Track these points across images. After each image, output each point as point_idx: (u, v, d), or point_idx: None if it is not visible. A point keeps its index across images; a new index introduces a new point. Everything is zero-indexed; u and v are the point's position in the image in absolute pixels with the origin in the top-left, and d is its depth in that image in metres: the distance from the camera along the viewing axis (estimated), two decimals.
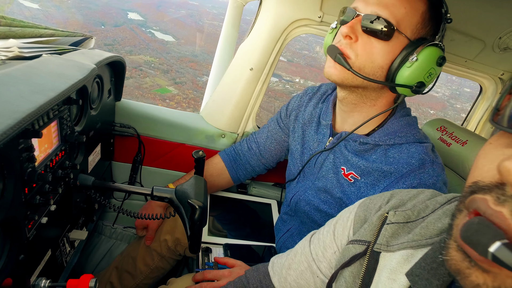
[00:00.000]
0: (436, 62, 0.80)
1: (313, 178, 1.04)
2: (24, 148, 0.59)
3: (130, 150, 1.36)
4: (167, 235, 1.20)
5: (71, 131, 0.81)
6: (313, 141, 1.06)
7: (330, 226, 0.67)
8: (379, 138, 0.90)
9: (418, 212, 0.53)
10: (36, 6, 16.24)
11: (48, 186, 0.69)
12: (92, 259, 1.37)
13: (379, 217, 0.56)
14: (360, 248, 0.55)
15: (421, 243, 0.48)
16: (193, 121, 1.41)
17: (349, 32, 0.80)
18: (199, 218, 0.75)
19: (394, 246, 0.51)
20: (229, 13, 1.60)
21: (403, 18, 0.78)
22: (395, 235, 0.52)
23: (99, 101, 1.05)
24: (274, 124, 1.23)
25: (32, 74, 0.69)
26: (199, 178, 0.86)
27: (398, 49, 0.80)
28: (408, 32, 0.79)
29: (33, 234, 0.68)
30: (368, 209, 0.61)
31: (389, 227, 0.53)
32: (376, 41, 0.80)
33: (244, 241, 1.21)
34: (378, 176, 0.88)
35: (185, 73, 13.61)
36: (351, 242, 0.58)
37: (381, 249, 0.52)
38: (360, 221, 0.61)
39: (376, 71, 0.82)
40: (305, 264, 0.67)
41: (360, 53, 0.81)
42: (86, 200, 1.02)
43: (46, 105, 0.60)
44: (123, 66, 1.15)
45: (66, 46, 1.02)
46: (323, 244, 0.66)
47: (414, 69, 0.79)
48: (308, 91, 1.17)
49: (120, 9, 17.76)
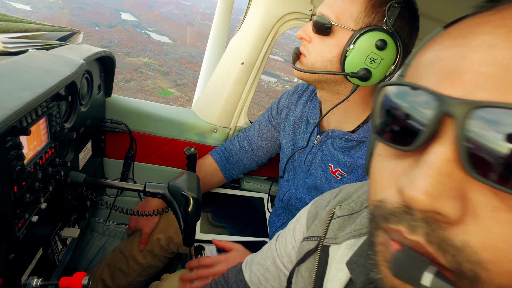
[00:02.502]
0: (375, 46, 0.81)
1: (304, 176, 1.06)
2: (12, 145, 0.58)
3: (121, 146, 1.35)
4: (159, 234, 1.20)
5: (60, 128, 0.79)
6: (303, 140, 1.08)
7: (291, 224, 0.71)
8: (363, 134, 0.92)
9: (361, 203, 0.56)
10: (28, 7, 15.94)
11: (38, 184, 0.68)
12: (85, 257, 1.36)
13: (327, 212, 0.59)
14: (312, 244, 0.57)
15: (362, 231, 0.50)
16: (184, 116, 1.40)
17: (302, 34, 0.90)
18: (193, 209, 0.75)
19: (340, 238, 0.53)
20: (219, 7, 1.58)
21: (343, 12, 0.83)
22: (342, 228, 0.55)
23: (89, 97, 1.04)
24: (266, 122, 1.24)
25: (18, 70, 0.67)
26: (191, 174, 0.86)
27: (343, 41, 0.84)
28: (351, 24, 0.83)
29: (24, 232, 0.67)
30: (319, 205, 0.64)
31: (335, 221, 0.56)
32: (324, 38, 0.87)
33: (237, 237, 1.22)
34: (362, 172, 0.90)
35: (186, 75, 13.55)
36: (305, 239, 0.60)
37: (329, 243, 0.54)
38: (312, 217, 0.63)
39: (326, 64, 0.88)
40: (271, 260, 0.71)
41: (311, 50, 0.89)
42: (78, 197, 1.00)
43: (33, 101, 0.59)
44: (112, 61, 1.13)
45: (53, 41, 1.00)
46: (284, 241, 0.69)
47: (352, 57, 0.83)
48: (297, 89, 1.18)
49: (113, 9, 17.51)
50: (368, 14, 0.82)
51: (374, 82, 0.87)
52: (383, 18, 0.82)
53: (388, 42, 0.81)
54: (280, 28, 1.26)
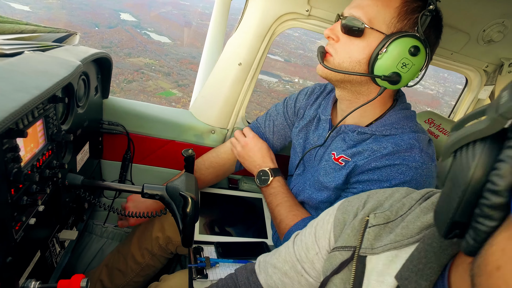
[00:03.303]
0: (408, 52, 0.83)
1: (313, 171, 1.07)
2: (8, 148, 0.58)
3: (119, 148, 1.35)
4: (158, 233, 1.19)
5: (57, 129, 0.79)
6: (314, 136, 1.09)
7: (311, 228, 0.69)
8: (376, 128, 0.94)
9: (396, 211, 0.55)
10: (27, 8, 15.86)
11: (36, 186, 0.68)
12: (83, 259, 1.36)
13: (360, 221, 0.58)
14: (346, 254, 0.57)
15: (403, 243, 0.50)
16: (182, 117, 1.39)
17: (330, 33, 0.91)
18: (192, 210, 0.75)
19: (379, 248, 0.52)
20: (216, 8, 1.58)
21: (376, 16, 0.85)
22: (378, 237, 0.54)
23: (86, 98, 1.03)
24: (281, 119, 1.24)
25: (14, 71, 0.67)
26: (189, 175, 0.85)
27: (374, 44, 0.86)
28: (383, 28, 0.85)
29: (21, 235, 0.67)
30: (346, 212, 0.63)
31: (371, 230, 0.55)
32: (353, 39, 0.88)
33: (236, 238, 1.21)
34: (368, 155, 0.91)
35: (187, 75, 13.49)
36: (337, 249, 0.59)
37: (366, 253, 0.54)
38: (340, 224, 0.62)
39: (354, 65, 0.89)
40: (290, 264, 0.69)
41: (339, 50, 0.90)
42: (76, 199, 1.00)
43: (30, 103, 0.59)
44: (109, 62, 1.12)
45: (49, 43, 0.99)
46: (305, 246, 0.68)
47: (384, 60, 0.85)
48: (316, 89, 1.19)
49: (112, 9, 17.46)
50: (401, 20, 0.84)
51: (401, 86, 0.90)
52: (414, 25, 0.84)
53: (420, 49, 0.83)
54: (277, 28, 1.26)
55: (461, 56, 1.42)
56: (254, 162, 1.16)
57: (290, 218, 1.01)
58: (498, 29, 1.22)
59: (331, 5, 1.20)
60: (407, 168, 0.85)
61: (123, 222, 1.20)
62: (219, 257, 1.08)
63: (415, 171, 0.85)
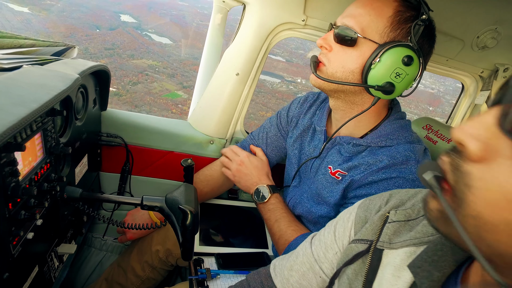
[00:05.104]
0: (401, 61, 0.83)
1: (309, 183, 1.06)
2: (6, 162, 0.58)
3: (118, 160, 1.34)
4: (158, 246, 1.18)
5: (56, 143, 0.79)
6: (309, 147, 1.09)
7: (330, 227, 0.69)
8: (371, 140, 0.93)
9: (418, 211, 0.55)
10: (26, 10, 15.88)
11: (34, 200, 0.67)
12: (83, 273, 1.34)
13: (380, 216, 0.58)
14: (362, 247, 0.57)
15: (423, 240, 0.50)
16: (180, 128, 1.40)
17: (322, 43, 0.90)
18: (191, 223, 0.74)
19: (397, 244, 0.52)
20: (213, 19, 1.60)
21: (368, 25, 0.84)
22: (397, 233, 0.54)
23: (84, 111, 1.03)
24: (275, 130, 1.24)
25: (12, 85, 0.67)
26: (189, 186, 0.85)
27: (367, 54, 0.85)
28: (376, 37, 0.84)
29: (19, 250, 0.66)
30: (368, 210, 0.63)
31: (390, 225, 0.55)
32: (346, 48, 0.87)
33: (236, 249, 1.20)
34: (364, 169, 0.90)
35: (191, 77, 13.42)
36: (354, 241, 0.59)
37: (383, 246, 0.54)
38: (361, 221, 0.62)
39: (347, 75, 0.88)
40: (307, 265, 0.68)
41: (332, 60, 0.89)
42: (74, 212, 0.99)
43: (28, 117, 0.59)
44: (107, 75, 1.13)
45: (48, 57, 1.00)
46: (324, 246, 0.67)
47: (377, 70, 0.84)
48: (309, 98, 1.19)
49: (112, 11, 17.51)
50: (394, 29, 0.84)
51: (395, 96, 0.89)
52: (407, 34, 0.84)
53: (414, 58, 0.83)
54: (273, 38, 1.27)
55: (457, 62, 1.43)
56: (251, 180, 1.16)
57: (290, 233, 1.00)
58: (491, 35, 1.24)
59: (326, 14, 1.22)
60: (404, 180, 0.84)
61: (122, 237, 1.20)
62: (220, 269, 1.06)
63: (412, 183, 0.84)
